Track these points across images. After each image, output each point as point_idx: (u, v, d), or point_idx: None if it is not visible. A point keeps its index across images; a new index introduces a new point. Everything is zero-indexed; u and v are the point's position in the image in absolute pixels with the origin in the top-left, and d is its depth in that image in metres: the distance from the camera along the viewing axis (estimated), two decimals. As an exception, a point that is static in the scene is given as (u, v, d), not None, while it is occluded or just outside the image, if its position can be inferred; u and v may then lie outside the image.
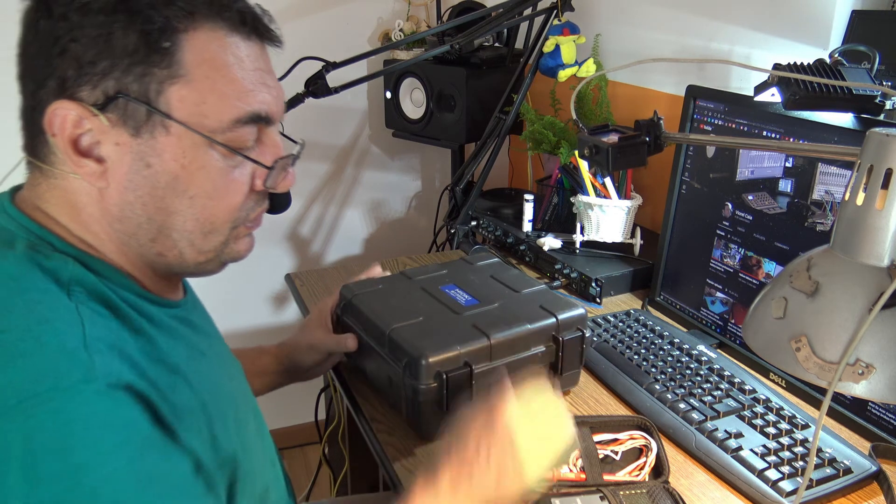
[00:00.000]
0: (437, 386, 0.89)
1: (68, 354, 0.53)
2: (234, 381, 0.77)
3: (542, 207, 1.57)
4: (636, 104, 1.61)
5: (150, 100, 0.59)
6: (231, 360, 0.80)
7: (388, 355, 0.94)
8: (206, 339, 0.74)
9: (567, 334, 0.98)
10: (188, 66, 0.59)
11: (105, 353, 0.54)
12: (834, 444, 0.89)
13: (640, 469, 0.89)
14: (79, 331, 0.54)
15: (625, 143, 0.90)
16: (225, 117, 0.61)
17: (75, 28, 0.57)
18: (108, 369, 0.54)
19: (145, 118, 0.59)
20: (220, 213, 0.65)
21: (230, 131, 0.62)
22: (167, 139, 0.60)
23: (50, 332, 0.53)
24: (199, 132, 0.61)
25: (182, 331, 0.68)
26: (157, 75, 0.59)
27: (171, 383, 0.60)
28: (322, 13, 1.99)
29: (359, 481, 1.59)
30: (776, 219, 1.06)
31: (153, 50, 0.58)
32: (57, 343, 0.53)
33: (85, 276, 0.60)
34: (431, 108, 1.83)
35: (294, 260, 2.21)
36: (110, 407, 0.53)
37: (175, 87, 0.59)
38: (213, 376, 0.69)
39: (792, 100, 0.93)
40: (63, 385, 0.51)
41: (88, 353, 0.53)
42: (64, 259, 0.60)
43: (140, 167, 0.61)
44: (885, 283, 0.56)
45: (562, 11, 1.48)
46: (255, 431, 0.77)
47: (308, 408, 1.59)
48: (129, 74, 0.58)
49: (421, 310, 0.99)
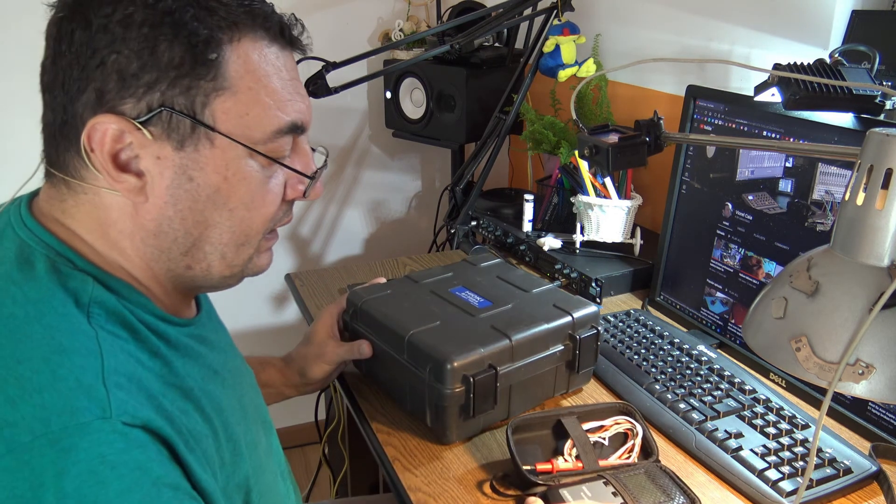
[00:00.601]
0: (464, 390, 0.88)
1: (85, 389, 0.51)
2: (246, 396, 0.76)
3: (542, 207, 1.57)
4: (636, 104, 1.61)
5: (195, 113, 0.58)
6: (244, 373, 0.79)
7: (408, 361, 0.94)
8: (221, 354, 0.73)
9: (583, 332, 0.98)
10: (232, 77, 0.59)
11: (123, 387, 0.53)
12: (834, 444, 0.89)
13: (630, 452, 0.90)
14: (97, 363, 0.53)
15: (625, 143, 0.90)
16: (268, 128, 0.61)
17: (117, 40, 0.56)
18: (125, 406, 0.52)
19: (190, 131, 0.59)
20: (256, 224, 0.65)
21: (271, 142, 0.62)
22: (211, 152, 0.60)
23: (67, 364, 0.52)
24: (244, 144, 0.60)
25: (197, 349, 0.67)
26: (202, 88, 0.58)
27: (184, 409, 0.59)
28: (322, 13, 1.99)
29: (359, 481, 1.59)
30: (776, 219, 1.06)
31: (199, 62, 0.57)
32: (74, 377, 0.51)
33: (104, 296, 0.58)
34: (431, 108, 1.83)
35: (294, 260, 2.21)
36: (121, 449, 0.51)
37: (220, 100, 0.59)
38: (224, 399, 0.68)
39: (792, 100, 0.93)
40: (77, 423, 0.50)
41: (106, 387, 0.52)
42: (84, 278, 0.58)
43: (182, 181, 0.60)
44: (885, 283, 0.56)
45: (562, 11, 1.48)
46: (266, 448, 0.76)
47: (308, 408, 1.59)
48: (174, 87, 0.57)
49: (436, 313, 0.98)
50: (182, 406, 0.59)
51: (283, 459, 0.83)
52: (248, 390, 0.78)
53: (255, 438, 0.72)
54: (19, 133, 1.79)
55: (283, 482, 0.80)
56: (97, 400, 0.51)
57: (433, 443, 0.94)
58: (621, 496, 0.80)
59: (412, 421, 0.98)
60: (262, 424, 0.79)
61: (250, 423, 0.73)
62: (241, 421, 0.70)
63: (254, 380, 0.83)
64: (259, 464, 0.70)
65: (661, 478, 0.84)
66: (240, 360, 0.81)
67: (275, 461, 0.79)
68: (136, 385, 0.54)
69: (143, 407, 0.53)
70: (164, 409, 0.56)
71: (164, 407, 0.56)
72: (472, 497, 0.85)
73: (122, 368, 0.54)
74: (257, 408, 0.78)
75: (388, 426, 0.98)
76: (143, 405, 0.54)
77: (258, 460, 0.71)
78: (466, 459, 0.91)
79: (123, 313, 0.59)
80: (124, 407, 0.52)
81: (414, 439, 0.95)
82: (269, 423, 0.81)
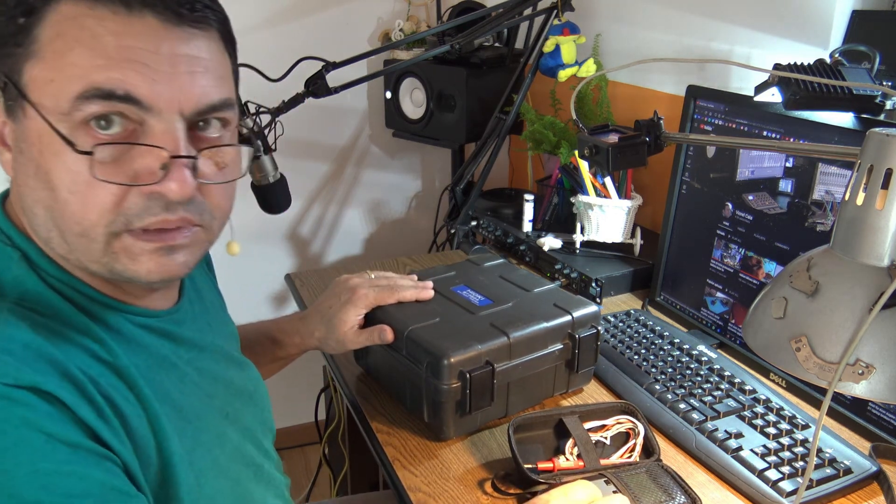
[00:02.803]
0: (460, 386, 0.89)
1: None
2: (218, 399, 0.74)
3: (542, 207, 1.57)
4: (636, 104, 1.61)
5: (14, 81, 0.56)
6: (229, 381, 0.77)
7: (407, 357, 0.94)
8: (192, 352, 0.71)
9: (582, 331, 0.99)
10: (42, 42, 0.55)
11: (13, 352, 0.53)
12: (834, 444, 0.89)
13: (631, 451, 0.90)
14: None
15: (625, 143, 0.90)
16: (70, 93, 0.54)
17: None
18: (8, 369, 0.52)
19: (14, 99, 0.57)
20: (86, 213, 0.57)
21: (77, 111, 0.55)
22: (28, 122, 0.57)
23: None
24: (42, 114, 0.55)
25: (148, 341, 0.66)
26: (16, 54, 0.56)
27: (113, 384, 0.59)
28: (322, 13, 1.99)
29: (359, 481, 1.60)
30: (776, 219, 1.06)
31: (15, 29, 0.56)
32: None
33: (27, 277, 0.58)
34: (431, 108, 1.83)
35: (294, 260, 2.21)
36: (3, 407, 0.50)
37: (29, 65, 0.56)
38: (178, 394, 0.67)
39: (792, 100, 0.93)
40: None
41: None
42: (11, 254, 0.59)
43: (17, 153, 0.58)
44: (885, 283, 0.56)
45: (562, 11, 1.48)
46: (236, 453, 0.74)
47: (308, 408, 1.59)
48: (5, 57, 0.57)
49: (436, 311, 0.99)
50: (110, 381, 0.58)
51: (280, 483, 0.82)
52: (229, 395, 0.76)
53: (217, 439, 0.71)
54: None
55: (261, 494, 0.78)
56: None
57: (433, 442, 0.94)
58: (622, 495, 0.80)
59: (412, 421, 0.98)
60: (245, 432, 0.77)
61: (212, 424, 0.71)
62: (200, 421, 0.68)
63: (252, 385, 0.81)
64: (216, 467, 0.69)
65: (662, 477, 0.84)
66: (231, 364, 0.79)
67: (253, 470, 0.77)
68: (32, 351, 0.54)
69: (36, 372, 0.53)
70: (73, 374, 0.55)
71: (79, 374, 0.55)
72: (472, 496, 0.85)
73: (18, 336, 0.54)
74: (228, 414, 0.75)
75: (387, 426, 0.98)
76: (37, 370, 0.53)
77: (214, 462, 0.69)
78: (466, 459, 0.91)
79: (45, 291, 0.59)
80: (6, 369, 0.51)
81: (414, 439, 0.95)
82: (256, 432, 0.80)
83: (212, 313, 0.80)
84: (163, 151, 0.57)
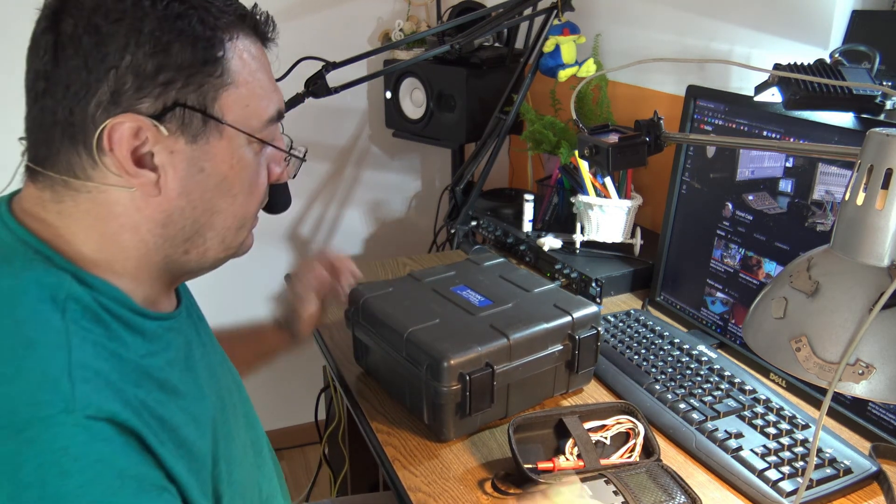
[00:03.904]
0: (460, 388, 0.89)
1: (50, 383, 0.52)
2: (224, 389, 0.77)
3: (542, 207, 1.57)
4: (636, 104, 1.61)
5: (206, 107, 0.63)
6: (225, 370, 0.81)
7: (406, 359, 0.94)
8: (199, 349, 0.74)
9: (582, 332, 0.99)
10: (234, 73, 0.64)
11: (90, 380, 0.54)
12: (834, 444, 0.89)
13: (631, 451, 0.90)
14: (64, 356, 0.54)
15: (625, 143, 0.90)
16: (263, 116, 0.67)
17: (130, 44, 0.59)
18: (89, 400, 0.53)
19: (202, 125, 0.63)
20: (253, 207, 0.70)
21: (265, 129, 0.67)
22: (220, 143, 0.64)
23: (34, 357, 0.53)
24: (248, 134, 0.66)
25: (174, 342, 0.69)
26: (212, 84, 0.62)
27: (160, 399, 0.60)
28: (322, 13, 1.99)
29: (359, 481, 1.60)
30: (776, 219, 1.06)
31: (209, 61, 0.62)
32: (39, 370, 0.53)
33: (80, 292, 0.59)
34: (431, 108, 1.83)
35: (294, 260, 2.21)
36: (84, 441, 0.52)
37: (226, 94, 0.63)
38: (202, 390, 0.70)
39: (792, 100, 0.93)
40: (41, 415, 0.51)
41: (71, 381, 0.53)
42: (60, 275, 0.60)
43: (194, 172, 0.64)
44: (885, 283, 0.56)
45: (562, 11, 1.48)
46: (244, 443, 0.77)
47: (308, 408, 1.59)
48: (188, 85, 0.61)
49: (436, 312, 0.99)
50: (157, 397, 0.60)
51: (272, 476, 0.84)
52: (228, 386, 0.79)
53: (232, 431, 0.73)
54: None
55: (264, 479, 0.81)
56: (61, 393, 0.52)
57: (433, 442, 0.94)
58: (622, 495, 0.80)
59: (412, 420, 0.98)
60: (245, 420, 0.80)
61: (229, 416, 0.74)
62: (220, 413, 0.71)
63: (236, 377, 0.84)
64: (232, 456, 0.71)
65: (662, 477, 0.84)
66: (220, 356, 0.82)
67: (256, 456, 0.80)
68: (103, 379, 0.55)
69: (110, 400, 0.54)
70: (133, 401, 0.57)
71: (135, 399, 0.57)
72: (472, 496, 0.85)
73: (89, 363, 0.55)
74: (235, 405, 0.79)
75: (387, 426, 0.98)
76: (110, 399, 0.55)
77: (233, 453, 0.72)
78: (466, 459, 0.91)
79: (97, 309, 0.60)
80: (88, 400, 0.53)
81: (414, 439, 0.95)
82: (251, 422, 0.82)
83: (194, 305, 0.82)
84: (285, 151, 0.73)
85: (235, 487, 0.69)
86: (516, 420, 0.90)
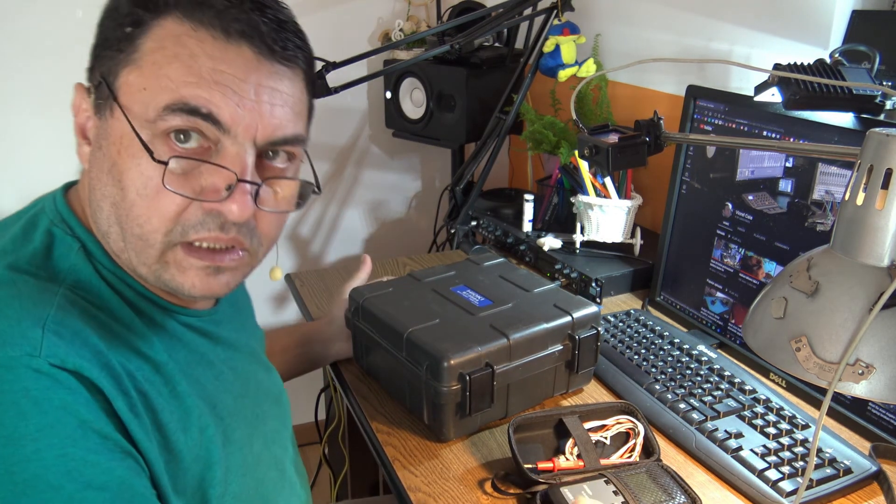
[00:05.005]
0: (460, 388, 0.89)
1: (21, 329, 0.53)
2: (249, 399, 0.76)
3: (542, 207, 1.57)
4: (636, 104, 1.61)
5: (109, 82, 0.61)
6: (259, 382, 0.80)
7: (406, 359, 0.94)
8: (228, 352, 0.73)
9: (582, 332, 0.98)
10: (143, 52, 0.60)
11: (63, 336, 0.55)
12: (834, 444, 0.89)
13: (631, 451, 0.90)
14: (45, 311, 0.55)
15: (625, 143, 0.90)
16: (158, 103, 0.58)
17: (100, 20, 0.63)
18: (56, 350, 0.53)
19: (104, 99, 0.61)
20: (149, 217, 0.60)
21: (162, 120, 0.58)
22: (113, 122, 0.61)
23: (16, 306, 0.55)
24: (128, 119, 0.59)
25: (189, 338, 0.68)
26: (117, 59, 0.61)
27: (150, 379, 0.61)
28: (322, 13, 1.99)
29: (359, 482, 1.59)
30: (776, 219, 1.06)
31: (121, 36, 0.60)
32: (16, 317, 0.54)
33: (83, 265, 0.61)
34: (431, 108, 1.83)
35: (294, 260, 2.21)
36: (47, 386, 0.52)
37: (126, 70, 0.60)
38: (214, 391, 0.69)
39: (792, 100, 0.93)
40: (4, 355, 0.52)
41: (43, 331, 0.54)
42: (71, 244, 0.62)
43: (96, 148, 0.63)
44: (885, 283, 0.56)
45: (562, 11, 1.48)
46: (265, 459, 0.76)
47: (308, 408, 1.59)
48: (103, 56, 0.62)
49: (436, 312, 0.99)
50: (149, 375, 0.61)
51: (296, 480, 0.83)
52: (257, 396, 0.78)
53: (245, 440, 0.72)
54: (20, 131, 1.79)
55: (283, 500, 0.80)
56: (30, 339, 0.53)
57: (433, 442, 0.94)
58: (622, 495, 0.80)
59: (412, 421, 0.98)
60: (274, 435, 0.79)
61: (243, 424, 0.73)
62: (233, 419, 0.70)
63: (277, 392, 0.84)
64: (237, 464, 0.70)
65: (662, 477, 0.84)
66: (259, 366, 0.81)
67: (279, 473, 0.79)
68: (80, 339, 0.56)
69: (79, 357, 0.55)
70: (115, 367, 0.57)
71: (119, 366, 0.57)
72: (472, 496, 0.85)
73: (69, 322, 0.56)
74: (265, 418, 0.78)
75: (387, 426, 0.98)
76: (80, 355, 0.55)
77: (240, 462, 0.70)
78: (466, 459, 0.91)
79: (98, 283, 0.61)
80: (54, 350, 0.53)
81: (414, 439, 0.95)
82: (282, 439, 0.82)
83: (244, 315, 0.83)
84: (231, 173, 0.60)
85: (234, 498, 0.68)
86: (516, 420, 0.90)
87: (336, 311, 1.12)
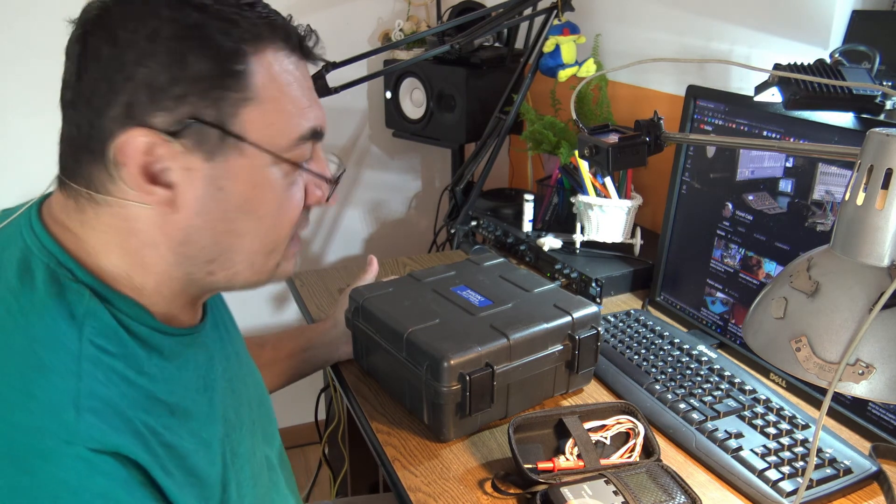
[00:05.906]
0: (460, 388, 0.89)
1: (55, 412, 0.51)
2: (244, 406, 0.75)
3: (542, 207, 1.57)
4: (636, 104, 1.61)
5: (224, 123, 0.59)
6: (247, 383, 0.79)
7: (406, 359, 0.94)
8: (222, 363, 0.73)
9: (582, 332, 0.99)
10: (258, 88, 0.60)
11: (97, 411, 0.53)
12: (834, 445, 0.89)
13: (631, 451, 0.90)
14: (73, 384, 0.53)
15: (625, 143, 0.90)
16: (292, 135, 0.63)
17: (146, 55, 0.56)
18: (92, 432, 0.52)
19: (219, 142, 0.59)
20: (283, 231, 0.66)
21: (295, 148, 0.63)
22: (240, 161, 0.60)
23: (42, 383, 0.52)
24: (271, 152, 0.61)
25: (193, 358, 0.67)
26: (230, 99, 0.59)
27: (168, 425, 0.59)
28: (322, 13, 1.99)
29: (359, 481, 1.60)
30: (776, 219, 1.06)
31: (227, 74, 0.58)
32: (46, 398, 0.52)
33: (99, 309, 0.58)
34: (431, 108, 1.83)
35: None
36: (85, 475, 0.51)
37: (247, 110, 0.60)
38: (220, 409, 0.68)
39: (792, 100, 0.93)
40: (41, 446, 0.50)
41: (77, 411, 0.52)
42: (80, 290, 0.58)
43: (212, 191, 0.60)
44: (885, 283, 0.56)
45: (562, 11, 1.48)
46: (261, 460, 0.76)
47: (308, 408, 1.59)
48: (204, 99, 0.58)
49: (436, 312, 0.99)
50: (167, 422, 0.59)
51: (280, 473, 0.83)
52: (249, 401, 0.78)
53: (247, 451, 0.72)
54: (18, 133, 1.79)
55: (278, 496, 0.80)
56: (65, 424, 0.51)
57: (433, 442, 0.94)
58: (622, 495, 0.80)
59: (412, 421, 0.98)
60: (262, 436, 0.78)
61: (245, 435, 0.72)
62: (236, 433, 0.70)
63: (261, 391, 0.83)
64: (245, 477, 0.70)
65: (662, 477, 0.84)
66: (247, 367, 0.81)
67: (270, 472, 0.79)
68: (111, 408, 0.54)
69: (116, 432, 0.53)
70: (141, 429, 0.56)
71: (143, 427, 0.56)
72: (472, 496, 0.85)
73: (99, 391, 0.54)
74: (254, 422, 0.77)
75: (387, 426, 0.98)
76: (116, 429, 0.54)
77: (246, 474, 0.70)
78: (466, 459, 0.91)
79: (115, 327, 0.59)
80: (91, 432, 0.52)
81: (414, 439, 0.95)
82: (269, 437, 0.81)
83: (223, 317, 0.81)
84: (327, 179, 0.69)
85: None
86: (516, 420, 0.90)
87: (339, 313, 1.12)
